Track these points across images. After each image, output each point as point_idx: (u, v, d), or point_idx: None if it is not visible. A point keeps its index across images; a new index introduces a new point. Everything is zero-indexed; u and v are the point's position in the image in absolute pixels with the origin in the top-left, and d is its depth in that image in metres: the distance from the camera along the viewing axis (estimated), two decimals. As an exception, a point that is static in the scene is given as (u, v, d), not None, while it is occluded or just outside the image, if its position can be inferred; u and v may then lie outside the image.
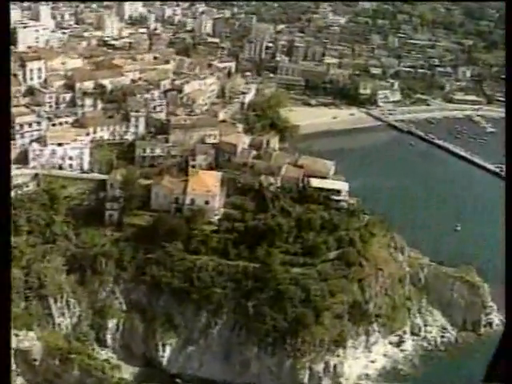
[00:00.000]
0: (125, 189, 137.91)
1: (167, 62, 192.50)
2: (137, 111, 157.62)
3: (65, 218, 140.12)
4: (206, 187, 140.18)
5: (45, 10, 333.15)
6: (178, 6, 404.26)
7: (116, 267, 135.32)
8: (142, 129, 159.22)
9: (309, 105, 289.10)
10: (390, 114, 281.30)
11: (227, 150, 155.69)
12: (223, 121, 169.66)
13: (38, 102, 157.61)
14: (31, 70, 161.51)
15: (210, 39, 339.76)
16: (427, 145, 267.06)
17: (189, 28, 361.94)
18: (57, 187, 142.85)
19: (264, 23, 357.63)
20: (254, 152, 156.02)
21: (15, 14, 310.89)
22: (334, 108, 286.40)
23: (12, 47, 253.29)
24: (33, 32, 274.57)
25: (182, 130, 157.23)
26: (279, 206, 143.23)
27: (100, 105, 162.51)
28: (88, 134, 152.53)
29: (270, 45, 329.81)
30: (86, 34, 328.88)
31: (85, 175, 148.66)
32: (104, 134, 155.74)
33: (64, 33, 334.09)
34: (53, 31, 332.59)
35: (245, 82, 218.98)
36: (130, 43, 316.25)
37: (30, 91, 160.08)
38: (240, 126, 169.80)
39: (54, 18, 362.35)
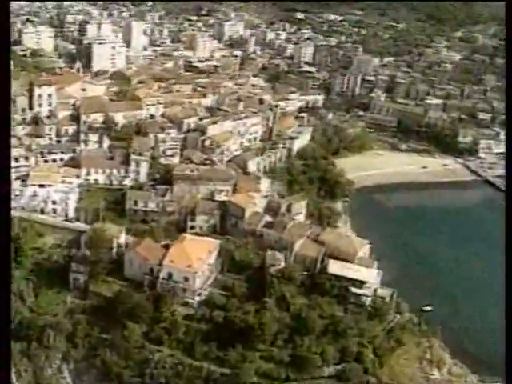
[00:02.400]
0: (93, 250, 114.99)
1: (203, 96, 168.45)
2: (140, 154, 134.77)
3: (29, 273, 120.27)
4: (188, 260, 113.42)
5: (137, 25, 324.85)
6: (284, 30, 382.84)
7: (67, 342, 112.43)
8: (143, 175, 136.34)
9: (398, 150, 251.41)
10: (490, 169, 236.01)
11: (234, 212, 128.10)
12: (246, 173, 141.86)
13: (39, 134, 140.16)
14: (40, 96, 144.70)
15: (306, 67, 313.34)
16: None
17: (288, 54, 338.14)
18: (30, 235, 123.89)
19: (370, 54, 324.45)
20: (268, 218, 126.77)
21: (92, 28, 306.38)
22: (427, 156, 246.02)
23: (78, 66, 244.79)
24: (108, 49, 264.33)
25: (188, 182, 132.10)
26: (278, 294, 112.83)
27: (106, 142, 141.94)
28: (78, 177, 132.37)
29: (371, 78, 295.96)
30: (175, 54, 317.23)
31: (68, 224, 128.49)
32: (99, 177, 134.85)
33: (155, 50, 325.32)
34: (145, 49, 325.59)
35: (298, 123, 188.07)
36: (216, 66, 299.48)
37: (35, 120, 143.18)
38: (265, 181, 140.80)
39: (150, 34, 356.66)
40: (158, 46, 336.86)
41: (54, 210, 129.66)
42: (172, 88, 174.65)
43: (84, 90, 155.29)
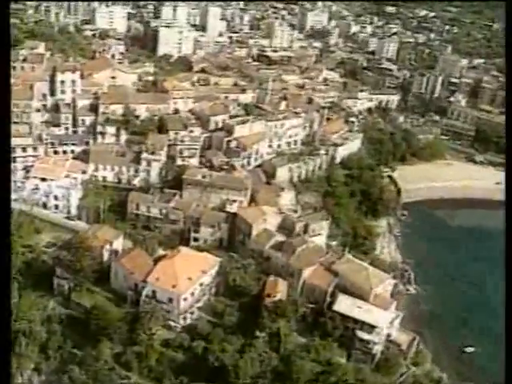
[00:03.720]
0: (76, 257, 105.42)
1: (243, 91, 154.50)
2: (153, 152, 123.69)
3: (16, 272, 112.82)
4: (174, 279, 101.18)
5: (215, 10, 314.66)
6: (371, 23, 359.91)
7: (40, 352, 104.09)
8: (154, 176, 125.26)
9: (473, 161, 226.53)
10: None
11: (242, 227, 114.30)
12: (269, 182, 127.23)
13: (57, 122, 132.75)
14: (62, 82, 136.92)
15: (387, 64, 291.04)
16: None
17: (371, 49, 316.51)
18: (26, 231, 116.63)
19: (458, 55, 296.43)
20: (280, 238, 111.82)
21: (167, 11, 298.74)
22: (504, 170, 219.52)
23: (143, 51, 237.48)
24: (175, 33, 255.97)
25: (199, 189, 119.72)
26: (273, 330, 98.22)
27: (124, 136, 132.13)
28: (84, 172, 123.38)
29: (455, 81, 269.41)
30: (250, 42, 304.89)
31: (68, 222, 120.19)
32: (107, 174, 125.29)
33: (230, 37, 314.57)
34: (220, 34, 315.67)
35: (347, 128, 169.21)
36: (290, 57, 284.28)
37: (56, 107, 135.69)
38: (289, 193, 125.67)
39: (230, 19, 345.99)
40: (236, 32, 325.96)
41: (56, 206, 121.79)
42: (211, 80, 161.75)
43: (113, 77, 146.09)
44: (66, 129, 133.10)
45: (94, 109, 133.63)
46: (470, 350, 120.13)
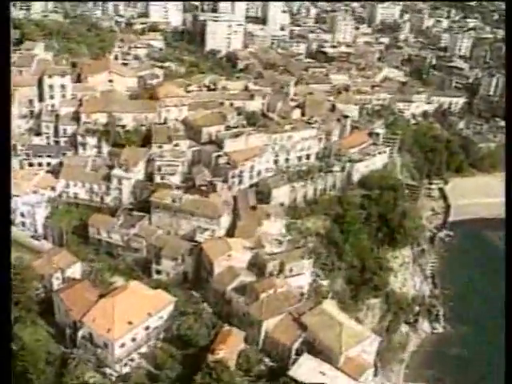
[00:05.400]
0: (16, 286, 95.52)
1: (251, 98, 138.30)
2: (126, 169, 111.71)
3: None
4: (110, 322, 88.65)
5: (276, 3, 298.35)
6: (448, 17, 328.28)
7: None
8: (126, 194, 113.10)
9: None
10: None
11: (206, 265, 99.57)
12: (253, 207, 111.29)
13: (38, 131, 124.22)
14: (51, 87, 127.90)
15: (458, 62, 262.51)
16: None
17: (443, 44, 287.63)
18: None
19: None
20: (248, 278, 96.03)
21: (226, 3, 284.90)
22: None
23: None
24: (224, 27, 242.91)
25: (169, 213, 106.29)
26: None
27: (106, 148, 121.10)
28: (54, 189, 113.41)
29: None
30: (311, 36, 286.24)
31: (33, 242, 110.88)
32: (79, 190, 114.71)
33: (292, 31, 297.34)
34: (282, 28, 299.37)
35: (371, 141, 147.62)
36: (349, 54, 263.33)
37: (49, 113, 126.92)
38: (276, 222, 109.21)
39: (296, 12, 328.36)
40: (299, 26, 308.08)
41: (23, 223, 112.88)
42: (218, 85, 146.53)
43: (110, 81, 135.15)
44: (48, 138, 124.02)
45: (77, 117, 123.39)
46: None
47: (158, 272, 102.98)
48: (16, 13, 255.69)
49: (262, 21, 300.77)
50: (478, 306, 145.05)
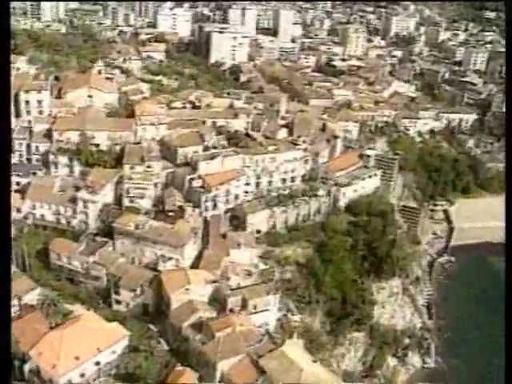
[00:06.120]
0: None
1: (235, 116, 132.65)
2: (92, 191, 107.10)
3: None
4: (56, 357, 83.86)
5: (287, 13, 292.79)
6: (466, 30, 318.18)
7: None
8: (93, 218, 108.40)
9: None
10: None
11: (164, 298, 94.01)
12: (223, 235, 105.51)
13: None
14: (27, 103, 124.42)
15: (472, 77, 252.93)
16: None
17: (458, 58, 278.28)
18: None
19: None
20: (206, 314, 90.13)
21: (236, 13, 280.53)
22: None
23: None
24: (228, 39, 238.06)
25: (131, 240, 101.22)
26: None
27: (77, 167, 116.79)
28: (19, 210, 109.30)
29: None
30: (322, 49, 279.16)
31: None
32: (45, 212, 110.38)
33: (303, 42, 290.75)
34: (293, 40, 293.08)
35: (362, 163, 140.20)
36: (359, 67, 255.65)
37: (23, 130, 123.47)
38: (246, 250, 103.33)
39: (310, 23, 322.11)
40: (310, 38, 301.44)
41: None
42: (203, 102, 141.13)
43: (90, 96, 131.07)
44: (20, 156, 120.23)
45: (50, 135, 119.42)
46: None
47: (118, 302, 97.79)
48: (26, 21, 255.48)
49: (273, 32, 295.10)
50: (471, 339, 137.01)
